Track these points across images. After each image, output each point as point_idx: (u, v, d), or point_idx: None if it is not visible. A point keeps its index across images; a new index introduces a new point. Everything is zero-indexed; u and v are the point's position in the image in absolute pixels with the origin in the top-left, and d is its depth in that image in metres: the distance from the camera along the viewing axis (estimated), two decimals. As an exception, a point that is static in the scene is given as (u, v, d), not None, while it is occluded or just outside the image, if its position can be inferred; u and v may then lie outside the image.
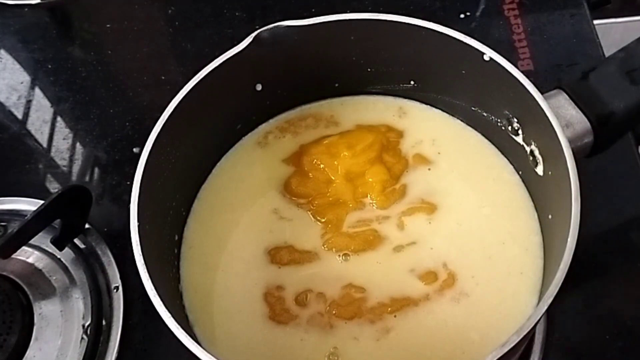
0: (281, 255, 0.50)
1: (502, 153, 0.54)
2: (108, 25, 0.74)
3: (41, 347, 0.54)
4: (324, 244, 0.50)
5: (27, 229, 0.53)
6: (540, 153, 0.48)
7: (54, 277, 0.57)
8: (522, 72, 0.46)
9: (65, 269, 0.57)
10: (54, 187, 0.64)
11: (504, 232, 0.50)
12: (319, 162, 0.52)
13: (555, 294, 0.38)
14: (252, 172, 0.54)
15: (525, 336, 0.37)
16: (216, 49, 0.49)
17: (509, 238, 0.49)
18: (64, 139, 0.67)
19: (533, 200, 0.51)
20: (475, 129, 0.54)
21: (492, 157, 0.54)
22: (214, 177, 0.54)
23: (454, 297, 0.47)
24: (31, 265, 0.58)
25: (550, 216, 0.47)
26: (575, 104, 0.48)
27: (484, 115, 0.52)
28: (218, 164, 0.55)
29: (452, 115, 0.55)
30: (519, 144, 0.50)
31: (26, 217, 0.53)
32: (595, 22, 0.69)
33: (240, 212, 0.53)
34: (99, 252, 0.58)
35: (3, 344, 0.53)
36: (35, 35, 0.74)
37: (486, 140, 0.54)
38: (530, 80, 0.45)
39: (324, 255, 0.50)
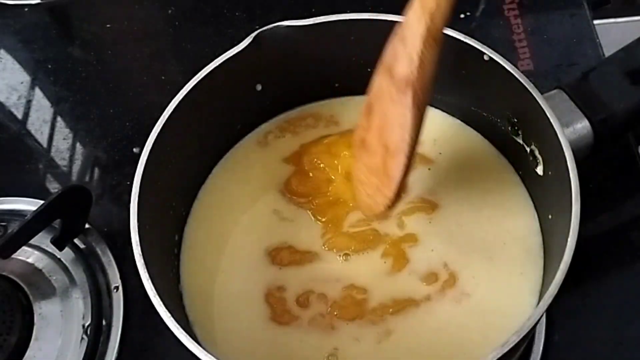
0: (282, 256, 0.50)
1: (502, 153, 0.54)
2: (108, 25, 0.74)
3: (41, 347, 0.54)
4: (325, 244, 0.50)
5: (27, 229, 0.53)
6: (540, 153, 0.48)
7: (54, 277, 0.57)
8: (522, 72, 0.46)
9: (65, 269, 0.57)
10: (54, 187, 0.64)
11: (504, 232, 0.50)
12: (320, 162, 0.52)
13: (555, 294, 0.38)
14: (252, 172, 0.54)
15: (525, 336, 0.37)
16: (216, 49, 0.49)
17: (509, 238, 0.49)
18: (64, 139, 0.67)
19: (533, 200, 0.51)
20: (476, 129, 0.54)
21: (492, 157, 0.54)
22: (214, 177, 0.54)
23: (455, 297, 0.47)
24: (31, 265, 0.58)
25: (550, 216, 0.47)
26: (575, 104, 0.48)
27: (484, 115, 0.52)
28: (218, 163, 0.55)
29: (452, 115, 0.55)
30: (519, 144, 0.50)
31: (26, 217, 0.53)
32: (595, 22, 0.69)
33: (241, 212, 0.53)
34: (99, 252, 0.58)
35: (3, 344, 0.53)
36: (35, 35, 0.74)
37: (486, 141, 0.54)
38: (530, 80, 0.45)
39: (324, 256, 0.50)
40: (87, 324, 0.54)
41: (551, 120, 0.44)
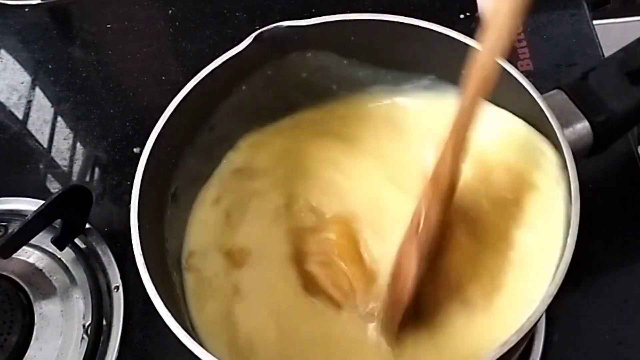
0: None
1: (502, 153, 0.53)
2: (108, 25, 0.75)
3: (41, 347, 0.54)
4: None
5: (27, 229, 0.53)
6: (540, 153, 0.48)
7: (55, 277, 0.57)
8: (522, 72, 0.46)
9: (65, 268, 0.58)
10: (54, 187, 0.64)
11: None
12: None
13: (554, 293, 0.38)
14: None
15: (524, 336, 0.37)
16: (216, 49, 0.49)
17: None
18: (64, 139, 0.67)
19: (533, 200, 0.51)
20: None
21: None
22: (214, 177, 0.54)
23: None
24: (32, 265, 0.58)
25: (550, 216, 0.47)
26: (575, 104, 0.48)
27: (484, 115, 0.52)
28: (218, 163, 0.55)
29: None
30: (519, 144, 0.50)
31: (27, 217, 0.53)
32: (595, 22, 0.69)
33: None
34: (100, 252, 0.58)
35: (3, 343, 0.53)
36: (36, 35, 0.74)
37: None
38: (530, 80, 0.45)
39: None
40: (87, 324, 0.54)
41: (551, 121, 0.44)
